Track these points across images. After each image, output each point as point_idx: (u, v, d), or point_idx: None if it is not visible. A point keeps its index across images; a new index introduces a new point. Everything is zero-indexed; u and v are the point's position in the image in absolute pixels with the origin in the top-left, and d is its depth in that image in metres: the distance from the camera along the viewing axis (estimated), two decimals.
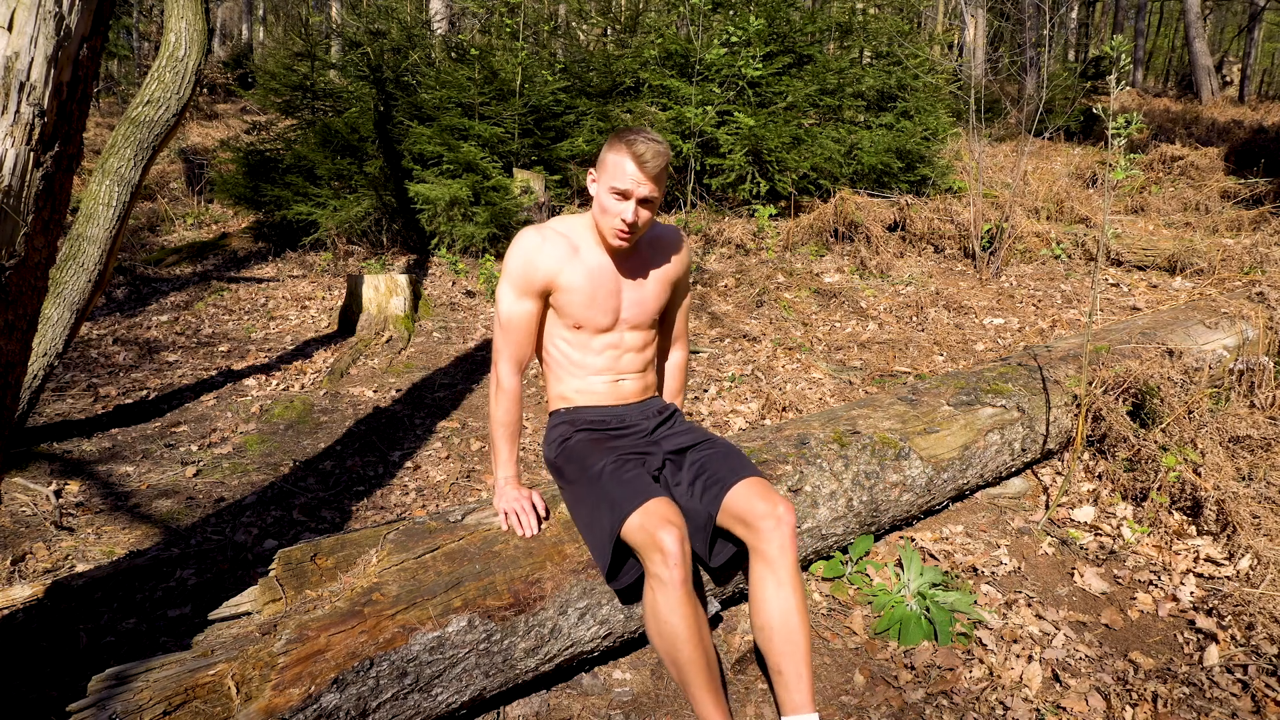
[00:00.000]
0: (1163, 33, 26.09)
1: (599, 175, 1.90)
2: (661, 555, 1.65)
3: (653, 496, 1.75)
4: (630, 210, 1.83)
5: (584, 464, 1.89)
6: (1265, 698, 1.86)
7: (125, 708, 1.36)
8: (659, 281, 2.04)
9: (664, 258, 2.06)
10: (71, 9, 1.43)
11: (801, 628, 1.72)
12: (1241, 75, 17.40)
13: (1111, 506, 2.74)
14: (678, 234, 2.12)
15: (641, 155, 1.80)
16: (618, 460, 1.86)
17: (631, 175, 1.81)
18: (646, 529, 1.68)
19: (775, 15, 7.77)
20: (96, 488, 3.06)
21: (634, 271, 2.01)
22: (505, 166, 7.05)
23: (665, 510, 1.73)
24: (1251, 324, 3.69)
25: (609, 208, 1.86)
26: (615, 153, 1.83)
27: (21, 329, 1.53)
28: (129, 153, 3.38)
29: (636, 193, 1.83)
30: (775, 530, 1.75)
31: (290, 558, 1.71)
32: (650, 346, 2.09)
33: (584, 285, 1.93)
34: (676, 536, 1.66)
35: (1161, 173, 8.62)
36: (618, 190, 1.83)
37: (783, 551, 1.75)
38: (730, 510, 1.82)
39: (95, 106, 12.62)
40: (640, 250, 2.02)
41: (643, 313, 2.02)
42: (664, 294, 2.06)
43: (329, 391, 4.07)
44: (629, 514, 1.72)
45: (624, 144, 1.82)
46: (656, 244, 2.06)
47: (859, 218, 6.45)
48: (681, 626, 1.64)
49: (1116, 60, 2.53)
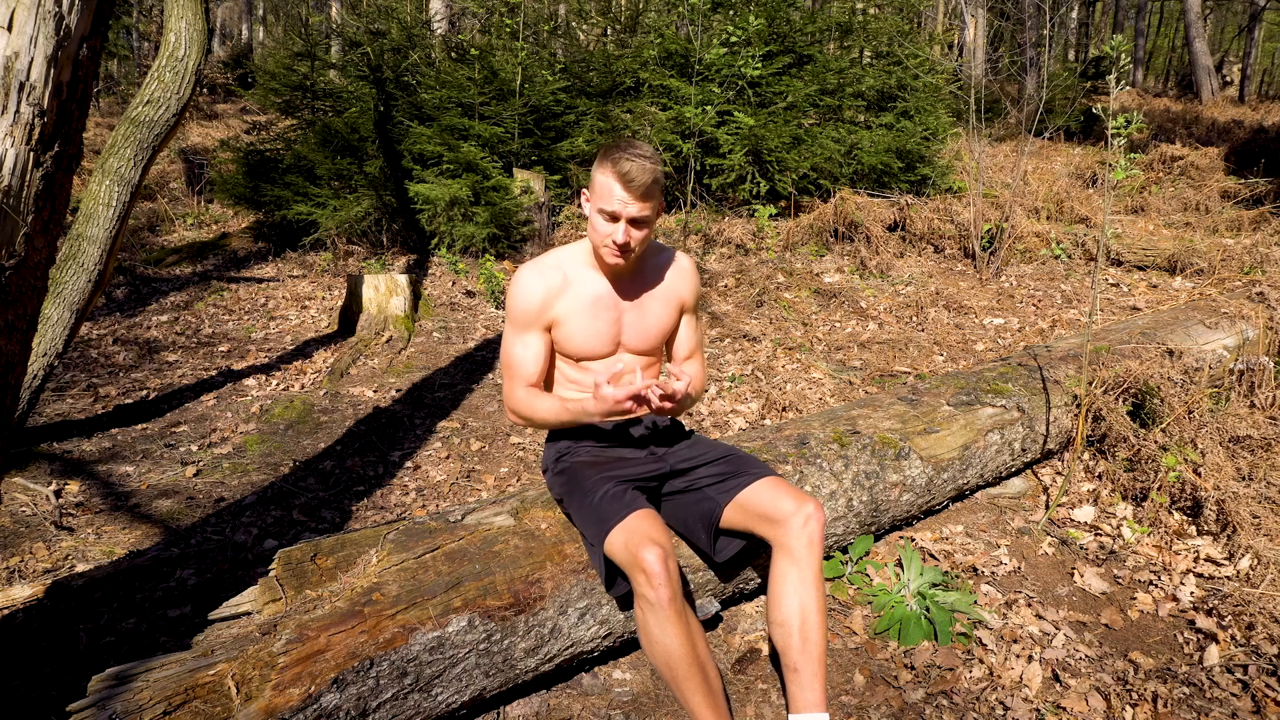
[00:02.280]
0: (1163, 33, 26.09)
1: (590, 196, 1.84)
2: (645, 576, 1.61)
3: (635, 510, 1.72)
4: (621, 231, 1.78)
5: (579, 478, 1.88)
6: (1265, 698, 1.86)
7: (125, 708, 1.36)
8: (663, 304, 1.98)
9: (667, 282, 1.99)
10: (71, 9, 1.43)
11: (821, 627, 1.72)
12: (1241, 75, 17.40)
13: (1111, 506, 2.74)
14: (684, 259, 2.05)
15: (628, 174, 1.73)
16: (611, 476, 1.86)
17: (619, 197, 1.75)
18: (629, 548, 1.65)
19: (775, 15, 7.77)
20: (96, 488, 3.06)
21: (634, 294, 1.95)
22: (505, 166, 7.05)
23: (648, 527, 1.68)
24: (1251, 324, 3.69)
25: (600, 229, 1.81)
26: (602, 173, 1.78)
27: (21, 329, 1.53)
28: (129, 153, 3.38)
29: (625, 213, 1.77)
30: (804, 527, 1.74)
31: (290, 558, 1.71)
32: (653, 368, 2.04)
33: (581, 316, 1.89)
34: (659, 555, 1.61)
35: (1161, 173, 8.62)
36: (607, 212, 1.78)
37: (810, 548, 1.74)
38: (751, 506, 1.81)
39: (95, 106, 12.62)
40: (642, 273, 1.97)
41: (644, 338, 1.96)
42: (667, 317, 2.00)
43: (329, 391, 4.07)
44: (611, 530, 1.70)
45: (610, 163, 1.76)
46: (660, 268, 2.00)
47: (859, 218, 6.45)
48: (674, 643, 1.62)
49: (1116, 60, 2.53)
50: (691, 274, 2.05)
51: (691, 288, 2.05)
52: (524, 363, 1.92)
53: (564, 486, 1.93)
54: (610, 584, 1.82)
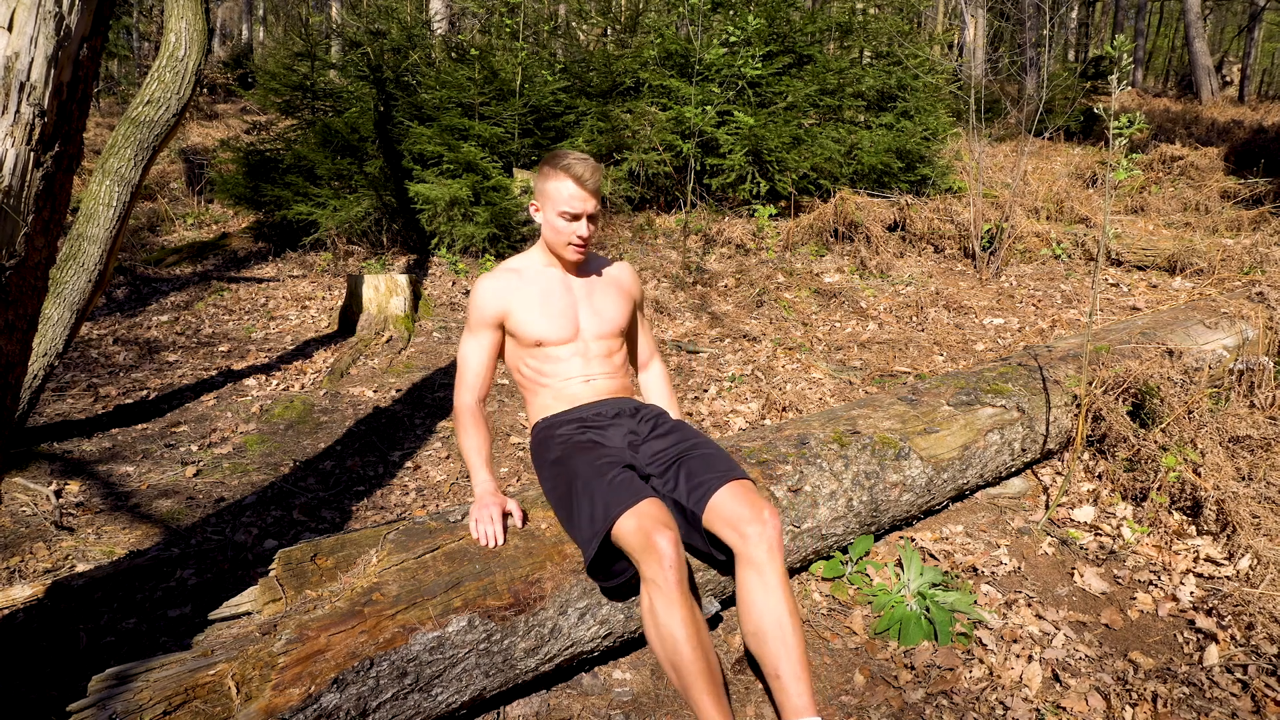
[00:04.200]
0: (1163, 33, 26.09)
1: (542, 204, 2.04)
2: (657, 559, 1.64)
3: (644, 498, 1.76)
4: (583, 226, 2.01)
5: (568, 467, 1.90)
6: (1265, 698, 1.86)
7: (125, 708, 1.36)
8: (615, 294, 2.17)
9: (615, 277, 2.21)
10: (71, 9, 1.43)
11: (795, 630, 1.71)
12: (1241, 75, 17.39)
13: (1111, 506, 2.74)
14: (624, 262, 2.29)
15: (581, 176, 1.96)
16: (604, 463, 1.87)
17: (577, 195, 1.97)
18: (642, 530, 1.68)
19: (775, 15, 7.77)
20: (96, 488, 3.06)
21: (587, 286, 2.14)
22: (505, 166, 7.05)
23: (658, 512, 1.73)
24: (1251, 324, 3.69)
25: (561, 229, 2.01)
26: (555, 180, 1.98)
27: (21, 329, 1.53)
28: (129, 153, 3.38)
29: (585, 210, 1.99)
30: (761, 536, 1.75)
31: (290, 558, 1.71)
32: (619, 354, 2.17)
33: (535, 301, 2.05)
34: (671, 539, 1.66)
35: (1161, 173, 8.62)
36: (568, 214, 1.98)
37: (770, 555, 1.75)
38: (716, 515, 1.83)
39: (95, 106, 12.62)
40: (590, 269, 2.18)
41: (602, 322, 2.11)
42: (621, 305, 2.17)
43: (329, 391, 4.07)
44: (619, 516, 1.72)
45: (561, 170, 1.97)
46: (606, 265, 2.23)
47: (859, 218, 6.45)
48: (680, 630, 1.64)
49: (1117, 60, 2.53)
50: (633, 272, 2.29)
51: (636, 282, 2.27)
52: (469, 359, 2.07)
53: (554, 475, 1.95)
54: (599, 573, 1.82)
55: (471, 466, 2.00)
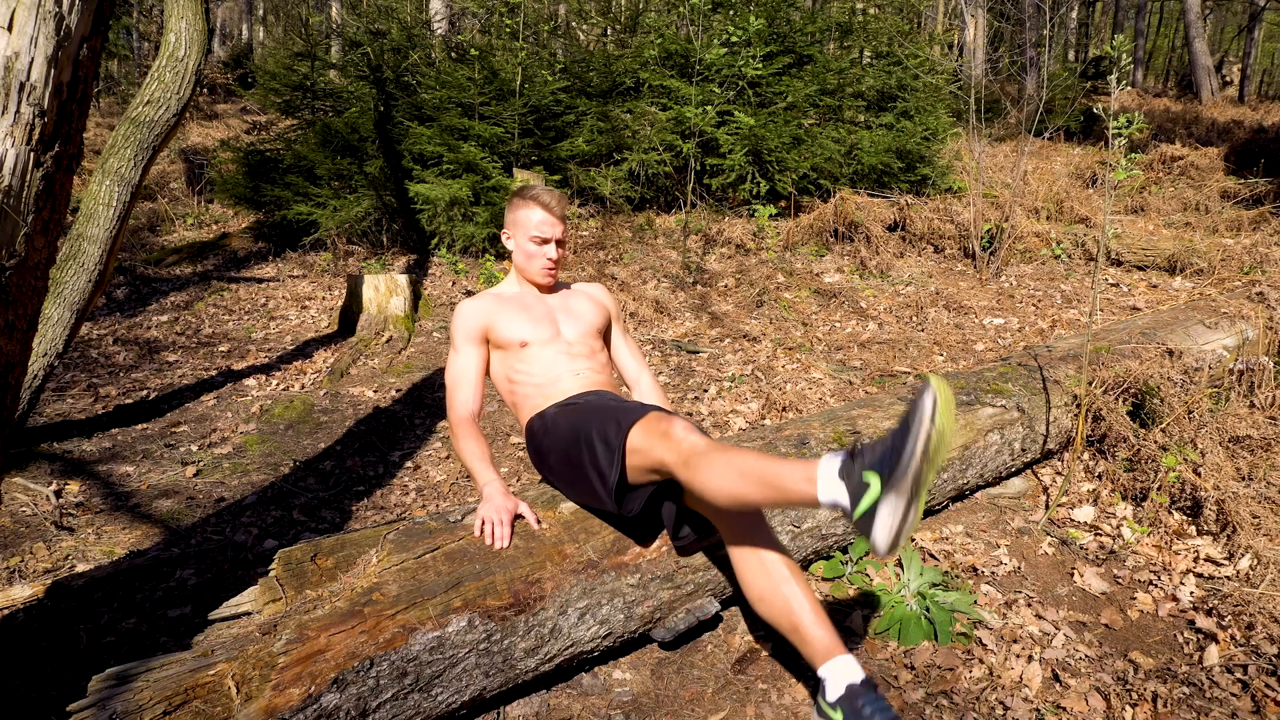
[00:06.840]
0: (1163, 33, 26.09)
1: (514, 233, 2.21)
2: (683, 426, 1.69)
3: (651, 410, 1.82)
4: (552, 249, 2.18)
5: (569, 424, 1.95)
6: (1265, 698, 1.86)
7: (125, 708, 1.36)
8: (585, 300, 2.30)
9: (586, 292, 2.36)
10: (71, 9, 1.43)
11: (796, 572, 1.74)
12: (1241, 75, 17.40)
13: (1111, 506, 2.74)
14: (594, 283, 2.44)
15: (548, 204, 2.15)
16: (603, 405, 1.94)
17: (546, 221, 2.15)
18: (659, 423, 1.73)
19: (775, 15, 7.77)
20: (96, 488, 3.07)
21: (560, 300, 2.28)
22: (505, 166, 7.05)
23: (667, 416, 1.78)
24: (1251, 324, 3.69)
25: (533, 252, 2.18)
26: (524, 209, 2.17)
27: (21, 329, 1.53)
28: (129, 153, 3.38)
29: (554, 235, 2.17)
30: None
31: (290, 558, 1.71)
32: (601, 354, 2.26)
33: (515, 310, 2.18)
34: (686, 423, 1.73)
35: (1161, 173, 8.61)
36: (538, 238, 2.16)
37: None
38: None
39: (95, 106, 12.62)
40: (563, 287, 2.34)
41: (580, 325, 2.23)
42: (596, 311, 2.29)
43: (329, 391, 4.07)
44: (634, 424, 1.76)
45: (530, 199, 2.16)
46: (575, 284, 2.39)
47: (859, 218, 6.45)
48: (737, 454, 1.58)
49: (1117, 60, 2.53)
50: (604, 289, 2.42)
51: (608, 296, 2.40)
52: (459, 375, 2.14)
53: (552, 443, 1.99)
54: (620, 500, 1.82)
55: (474, 469, 2.00)
